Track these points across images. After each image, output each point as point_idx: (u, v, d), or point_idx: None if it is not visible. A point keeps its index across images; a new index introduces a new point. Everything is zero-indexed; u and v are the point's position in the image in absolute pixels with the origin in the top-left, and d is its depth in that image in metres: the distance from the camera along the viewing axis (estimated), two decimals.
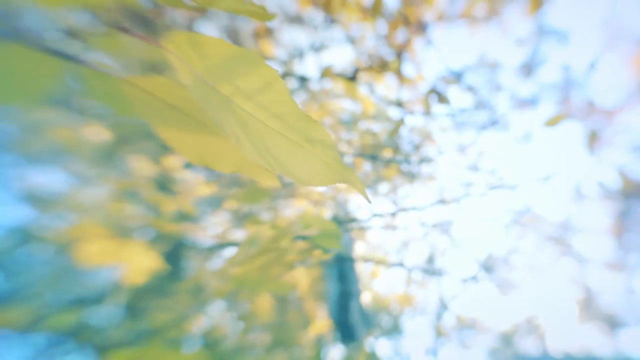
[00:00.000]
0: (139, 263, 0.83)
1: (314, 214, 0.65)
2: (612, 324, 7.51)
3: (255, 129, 0.29)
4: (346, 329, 2.82)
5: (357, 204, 3.18)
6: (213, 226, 1.99)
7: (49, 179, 1.66)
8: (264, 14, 0.33)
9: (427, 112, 1.83)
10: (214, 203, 2.04)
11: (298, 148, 0.31)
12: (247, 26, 2.37)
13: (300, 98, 3.01)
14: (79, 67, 0.29)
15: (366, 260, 3.63)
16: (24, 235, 1.82)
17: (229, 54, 0.29)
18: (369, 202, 0.34)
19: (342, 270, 2.87)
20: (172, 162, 1.89)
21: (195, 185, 1.93)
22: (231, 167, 0.36)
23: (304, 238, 0.91)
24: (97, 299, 1.72)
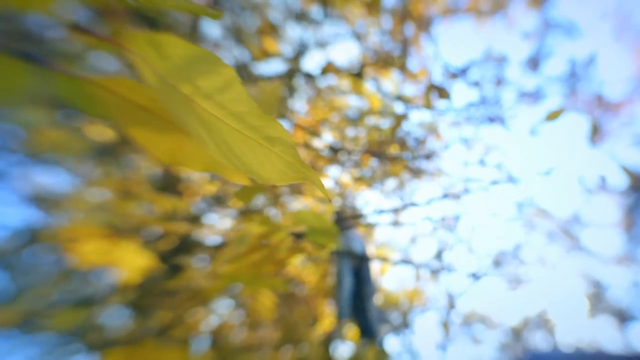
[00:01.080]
0: (133, 262, 0.82)
1: (310, 211, 0.64)
2: (622, 317, 7.48)
3: (217, 128, 0.29)
4: (365, 327, 2.81)
5: (365, 201, 3.17)
6: (219, 224, 1.99)
7: (52, 179, 1.66)
8: (209, 12, 0.32)
9: (429, 107, 1.81)
10: (220, 201, 2.03)
11: (258, 146, 0.31)
12: (251, 24, 2.36)
13: (306, 95, 3.00)
14: (44, 69, 0.29)
15: (375, 256, 3.61)
16: (29, 236, 1.82)
17: (188, 53, 0.29)
18: (330, 200, 0.34)
19: (357, 268, 2.86)
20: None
21: (201, 184, 1.92)
22: (202, 166, 0.36)
23: (299, 235, 0.89)
24: (102, 298, 1.72)
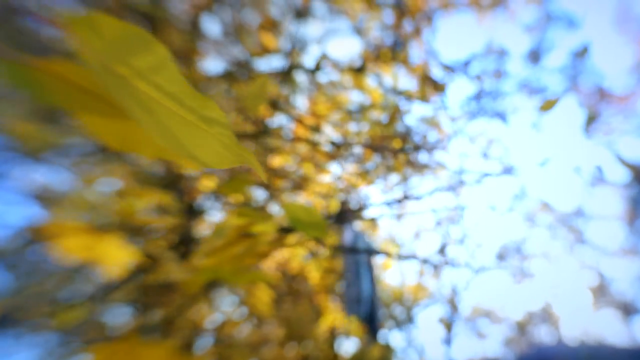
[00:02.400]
0: (116, 257, 0.81)
1: (299, 204, 0.62)
2: (626, 311, 7.46)
3: (155, 109, 0.27)
4: (369, 322, 2.80)
5: (368, 196, 3.15)
6: (216, 219, 1.98)
7: (49, 176, 1.65)
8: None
9: (425, 100, 1.80)
10: (219, 196, 2.01)
11: (195, 128, 0.29)
12: (251, 20, 2.34)
13: (307, 91, 2.99)
14: None
15: (379, 251, 3.60)
16: (28, 234, 1.81)
17: (121, 33, 0.27)
18: (265, 180, 0.33)
19: (363, 264, 2.85)
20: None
21: (200, 179, 1.90)
22: (153, 153, 0.34)
23: (287, 229, 0.88)
24: (100, 296, 1.71)
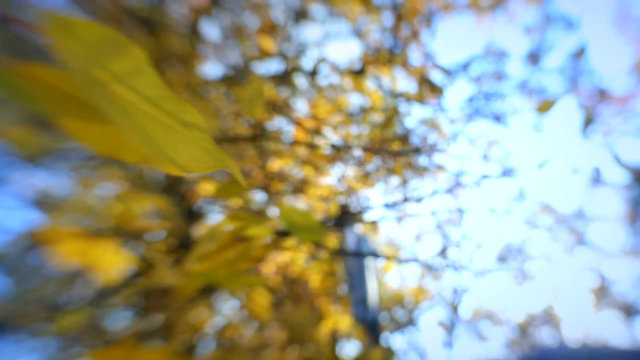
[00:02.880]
0: (111, 262, 0.81)
1: (294, 208, 0.61)
2: (628, 312, 7.44)
3: (134, 114, 0.27)
4: (374, 326, 2.79)
5: (369, 198, 3.14)
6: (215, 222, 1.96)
7: (53, 181, 1.64)
8: None
9: (422, 103, 1.80)
10: (218, 200, 2.01)
11: (174, 133, 0.28)
12: (251, 23, 2.34)
13: (307, 94, 2.99)
14: None
15: (380, 255, 3.59)
16: (35, 239, 1.80)
17: (99, 37, 0.26)
18: (244, 186, 0.33)
19: (366, 267, 2.85)
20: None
21: (200, 182, 1.90)
22: (136, 157, 0.34)
23: (283, 233, 0.88)
24: (101, 300, 1.70)
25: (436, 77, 2.39)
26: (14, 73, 0.27)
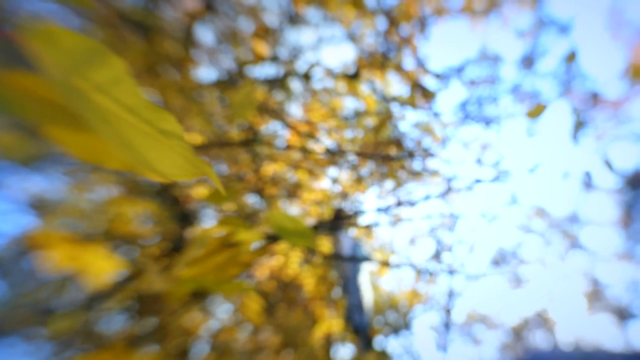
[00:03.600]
0: (101, 267, 0.80)
1: (283, 213, 0.61)
2: (622, 316, 7.46)
3: (114, 122, 0.27)
4: (368, 330, 2.79)
5: (363, 202, 3.14)
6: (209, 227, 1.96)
7: (46, 186, 1.64)
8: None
9: (414, 107, 1.81)
10: (211, 204, 2.01)
11: (153, 140, 0.29)
12: (245, 28, 2.34)
13: (302, 98, 2.99)
14: None
15: (374, 259, 3.59)
16: (26, 243, 1.79)
17: (79, 46, 0.26)
18: (224, 194, 0.33)
19: (360, 272, 2.85)
20: None
21: (194, 187, 1.90)
22: (118, 164, 0.34)
23: (273, 237, 0.87)
24: (96, 304, 1.70)
25: (429, 81, 2.39)
26: None
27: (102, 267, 0.80)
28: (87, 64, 0.25)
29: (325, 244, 2.61)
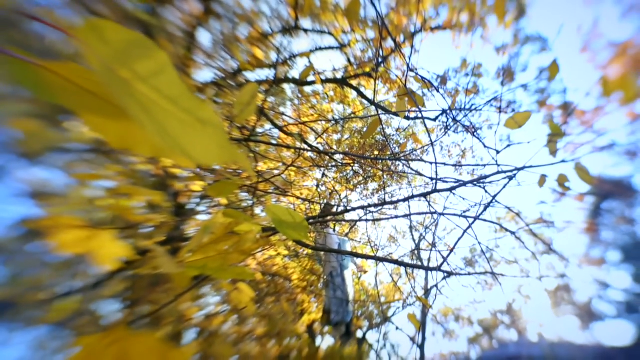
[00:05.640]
0: (109, 252, 0.82)
1: (280, 206, 0.64)
2: (588, 314, 7.55)
3: (154, 111, 0.29)
4: (350, 322, 2.80)
5: (347, 201, 3.17)
6: (205, 218, 1.98)
7: (51, 175, 1.65)
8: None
9: (403, 113, 1.83)
10: (207, 198, 2.03)
11: (191, 128, 0.30)
12: (243, 34, 2.36)
13: (293, 101, 3.02)
14: None
15: (358, 254, 3.61)
16: (29, 230, 1.80)
17: (125, 38, 0.29)
18: (256, 179, 0.35)
19: (344, 267, 2.87)
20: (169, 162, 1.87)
21: (190, 181, 1.92)
22: (150, 151, 0.35)
23: (270, 229, 0.90)
24: (92, 290, 1.71)
25: (415, 89, 2.43)
26: (37, 68, 0.29)
27: (109, 251, 0.82)
28: (132, 56, 0.28)
29: (312, 239, 2.64)
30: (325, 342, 3.75)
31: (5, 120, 1.38)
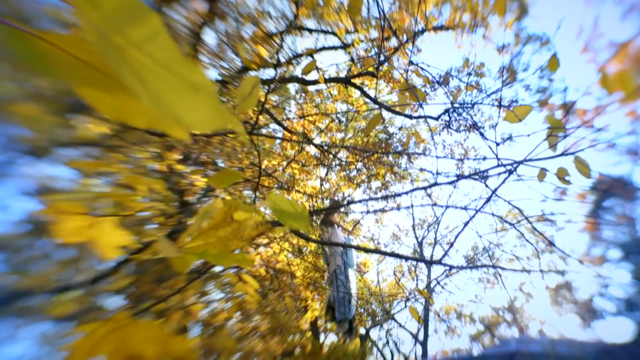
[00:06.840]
0: (110, 240, 0.81)
1: (283, 196, 0.62)
2: (589, 312, 7.51)
3: (147, 77, 0.27)
4: (353, 319, 2.78)
5: (351, 199, 3.16)
6: None
7: (56, 169, 1.64)
8: None
9: (406, 111, 1.81)
10: (210, 191, 2.02)
11: (183, 93, 0.29)
12: (247, 33, 2.35)
13: (297, 99, 3.01)
14: None
15: (361, 250, 3.60)
16: (35, 226, 1.80)
17: (118, 4, 0.27)
18: (247, 143, 0.34)
19: (347, 265, 2.85)
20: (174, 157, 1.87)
21: (193, 175, 1.91)
22: (145, 122, 0.34)
23: (272, 222, 0.88)
24: (100, 279, 1.70)
25: (417, 87, 2.42)
26: (34, 38, 0.28)
27: (110, 240, 0.80)
28: (126, 21, 0.26)
29: (316, 236, 2.62)
30: (329, 338, 3.75)
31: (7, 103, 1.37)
